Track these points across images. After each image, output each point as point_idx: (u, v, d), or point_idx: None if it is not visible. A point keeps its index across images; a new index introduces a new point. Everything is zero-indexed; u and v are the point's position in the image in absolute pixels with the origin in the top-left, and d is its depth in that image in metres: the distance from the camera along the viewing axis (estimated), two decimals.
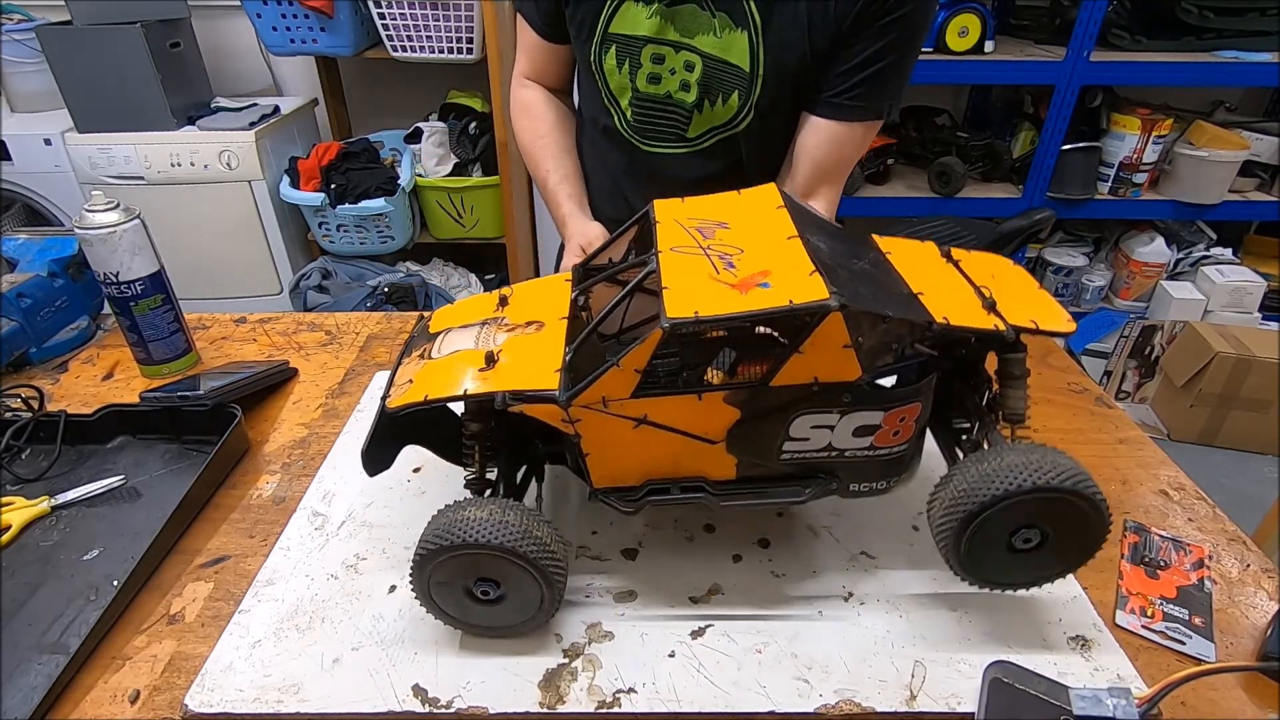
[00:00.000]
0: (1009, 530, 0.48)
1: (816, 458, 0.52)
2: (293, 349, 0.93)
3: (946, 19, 1.90)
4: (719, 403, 0.49)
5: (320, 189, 2.04)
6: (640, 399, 0.49)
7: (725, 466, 0.53)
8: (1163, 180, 2.18)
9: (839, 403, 0.49)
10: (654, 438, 0.51)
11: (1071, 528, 0.48)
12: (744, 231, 0.54)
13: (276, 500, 0.68)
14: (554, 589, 0.51)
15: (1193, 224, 2.36)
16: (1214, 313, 2.22)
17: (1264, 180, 2.17)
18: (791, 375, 0.48)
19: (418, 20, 1.91)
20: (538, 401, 0.49)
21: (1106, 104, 2.14)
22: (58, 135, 1.99)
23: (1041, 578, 0.52)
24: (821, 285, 0.46)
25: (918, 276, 0.53)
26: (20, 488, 0.70)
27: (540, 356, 0.52)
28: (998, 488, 0.46)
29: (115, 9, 1.87)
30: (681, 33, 0.82)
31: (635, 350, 0.46)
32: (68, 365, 0.90)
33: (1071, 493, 0.46)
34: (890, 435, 0.51)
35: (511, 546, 0.48)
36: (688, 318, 0.45)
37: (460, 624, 0.53)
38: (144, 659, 0.54)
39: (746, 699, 0.50)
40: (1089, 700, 0.46)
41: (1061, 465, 0.46)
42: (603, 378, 0.47)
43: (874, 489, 0.55)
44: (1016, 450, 0.48)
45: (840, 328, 0.45)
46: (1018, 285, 0.56)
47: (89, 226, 0.78)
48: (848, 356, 0.47)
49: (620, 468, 0.53)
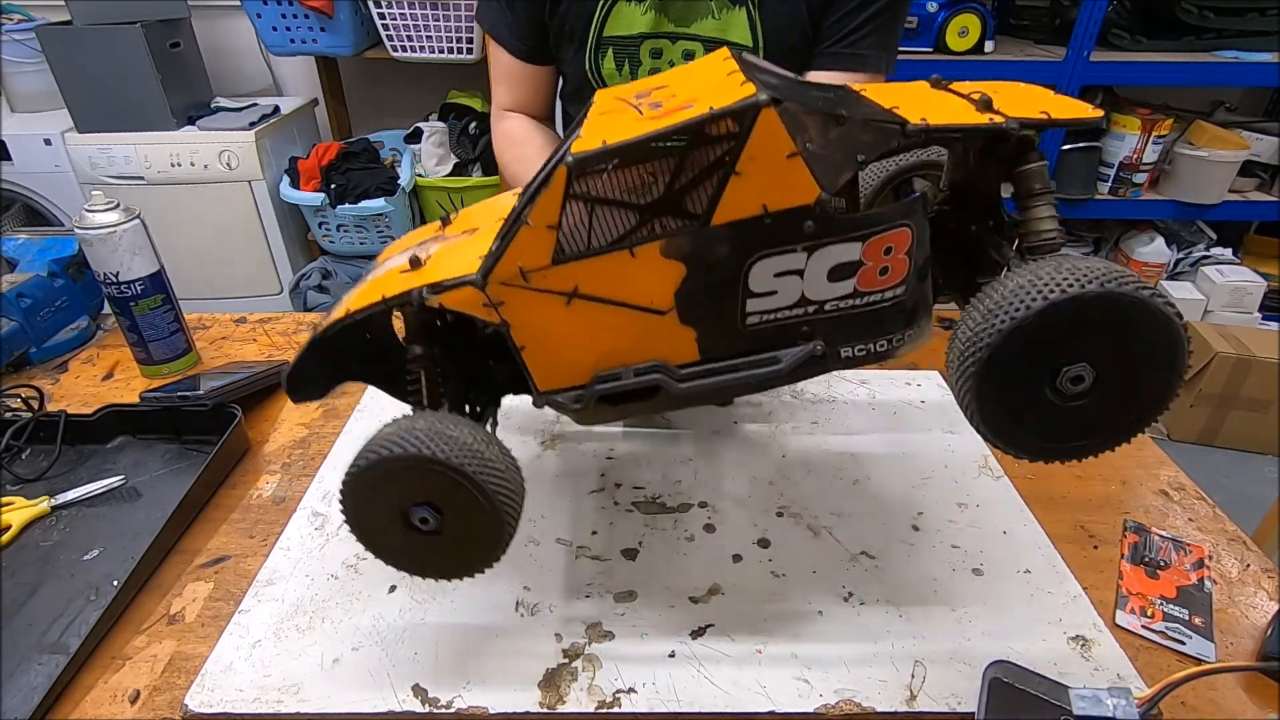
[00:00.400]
0: (1051, 369, 0.38)
1: (792, 317, 0.43)
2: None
3: (946, 19, 1.91)
4: (657, 258, 0.41)
5: (320, 189, 2.04)
6: (564, 265, 0.42)
7: (685, 344, 0.44)
8: (1163, 180, 2.19)
9: (800, 235, 0.40)
10: (594, 316, 0.43)
11: (1135, 357, 0.37)
12: (683, 84, 0.46)
13: (276, 500, 0.68)
14: (502, 516, 0.43)
15: (1193, 224, 2.36)
16: (1214, 313, 2.22)
17: (1264, 180, 2.17)
18: (735, 207, 0.40)
19: (418, 20, 1.91)
20: (455, 288, 0.43)
21: (1106, 104, 2.14)
22: (58, 135, 1.99)
23: (1100, 440, 0.40)
24: (751, 89, 0.38)
25: (894, 99, 0.44)
26: (20, 488, 0.70)
27: (469, 253, 0.46)
28: (1030, 301, 0.35)
29: (115, 9, 1.88)
30: (678, 23, 0.82)
31: (541, 198, 0.40)
32: (68, 365, 0.90)
33: (1131, 300, 0.35)
34: (877, 274, 0.42)
35: (446, 458, 0.40)
36: (594, 149, 0.39)
37: (399, 562, 0.46)
38: (144, 659, 0.54)
39: (746, 699, 0.50)
40: (1089, 700, 0.46)
41: (1115, 270, 0.35)
42: (514, 241, 0.41)
43: (873, 351, 0.44)
44: (1050, 260, 0.37)
45: (778, 130, 0.38)
46: (1027, 93, 0.47)
47: (89, 226, 0.78)
48: (797, 170, 0.39)
49: (564, 360, 0.46)
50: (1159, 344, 0.37)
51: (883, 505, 0.66)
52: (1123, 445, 0.41)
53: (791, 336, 0.44)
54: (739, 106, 0.38)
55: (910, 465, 0.71)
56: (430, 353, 0.49)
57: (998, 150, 0.45)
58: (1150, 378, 0.38)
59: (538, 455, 0.72)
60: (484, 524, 0.43)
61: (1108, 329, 0.37)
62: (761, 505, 0.66)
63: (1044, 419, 0.39)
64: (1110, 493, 0.69)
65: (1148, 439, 0.77)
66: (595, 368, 0.46)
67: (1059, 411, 0.39)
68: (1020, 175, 0.43)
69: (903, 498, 0.67)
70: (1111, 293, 0.35)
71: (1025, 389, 0.38)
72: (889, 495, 0.67)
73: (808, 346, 0.44)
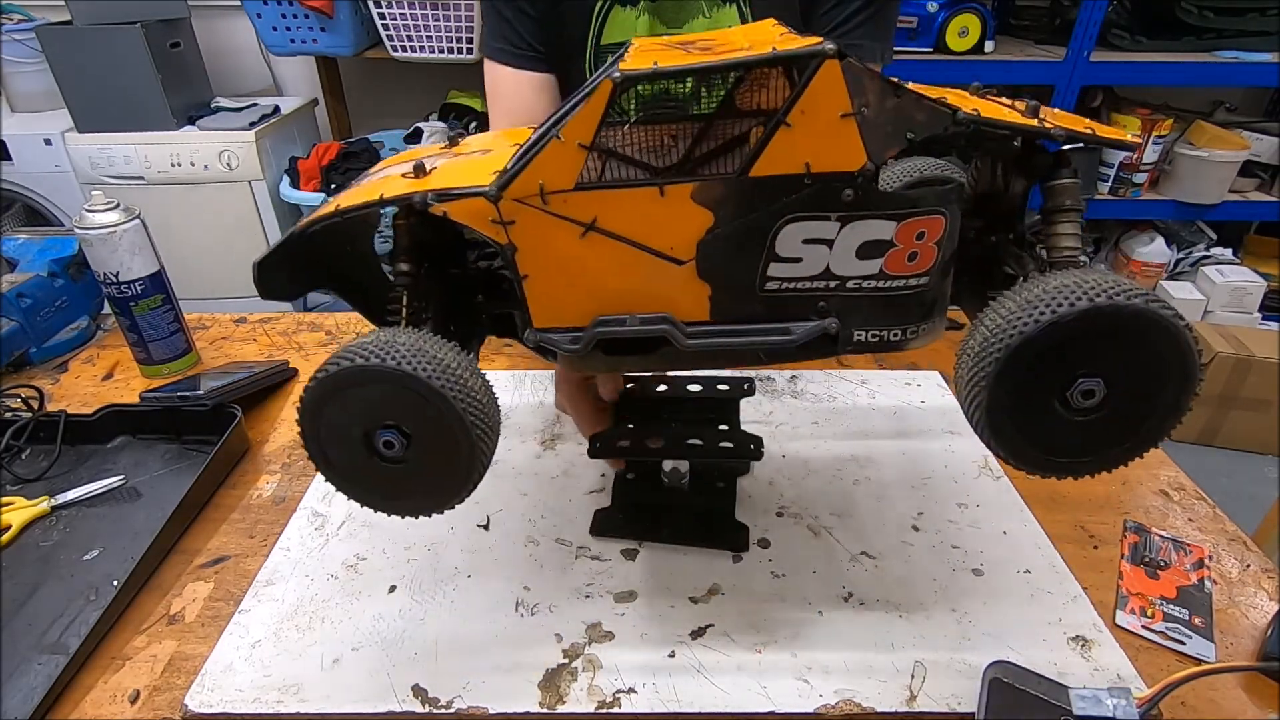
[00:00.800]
0: (1062, 382, 0.37)
1: (811, 289, 0.41)
2: (293, 349, 0.93)
3: (946, 19, 1.91)
4: (687, 201, 0.39)
5: (320, 189, 2.04)
6: (587, 192, 0.39)
7: (697, 300, 0.42)
8: (1163, 180, 2.19)
9: (838, 204, 0.39)
10: (607, 253, 0.41)
11: (1146, 372, 0.36)
12: (732, 37, 0.45)
13: (276, 500, 0.68)
14: (475, 451, 0.40)
15: (1193, 224, 2.36)
16: (1214, 313, 2.22)
17: (1264, 180, 2.17)
18: (777, 161, 0.38)
19: (418, 20, 1.91)
20: (464, 197, 0.40)
21: (1106, 104, 2.14)
22: (58, 135, 1.99)
23: (1109, 456, 0.39)
24: (816, 39, 0.37)
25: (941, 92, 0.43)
26: (20, 488, 0.70)
27: (480, 168, 0.42)
28: (1043, 312, 0.35)
29: (115, 9, 1.88)
30: (670, 24, 0.81)
31: (579, 113, 0.37)
32: (68, 365, 0.90)
33: (1142, 315, 0.34)
34: (905, 259, 0.40)
35: (427, 379, 0.38)
36: (644, 69, 0.37)
37: (356, 490, 0.43)
38: (144, 659, 0.54)
39: (746, 699, 0.50)
40: (1089, 700, 0.46)
41: (1127, 284, 0.35)
42: (540, 154, 0.39)
43: (885, 339, 0.43)
44: (1064, 273, 0.36)
45: (839, 86, 0.36)
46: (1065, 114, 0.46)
47: (89, 226, 0.78)
48: (848, 133, 0.37)
49: (566, 296, 0.43)
50: (1170, 358, 0.36)
51: (883, 505, 0.66)
52: None
53: (807, 310, 0.42)
54: (804, 52, 0.36)
55: (910, 465, 0.71)
56: (417, 272, 0.45)
57: (1034, 159, 0.44)
58: (1161, 393, 0.37)
59: (538, 455, 0.72)
60: (455, 457, 0.40)
61: (1118, 343, 0.36)
62: (761, 505, 0.66)
63: (1055, 433, 0.38)
64: (1110, 493, 0.69)
65: None
66: (598, 311, 0.43)
67: (1070, 426, 0.38)
68: (1053, 189, 0.42)
69: (903, 498, 0.67)
70: (1121, 306, 0.34)
71: (1036, 403, 0.38)
72: (889, 495, 0.67)
73: (822, 323, 0.42)
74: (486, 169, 0.42)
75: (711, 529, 0.62)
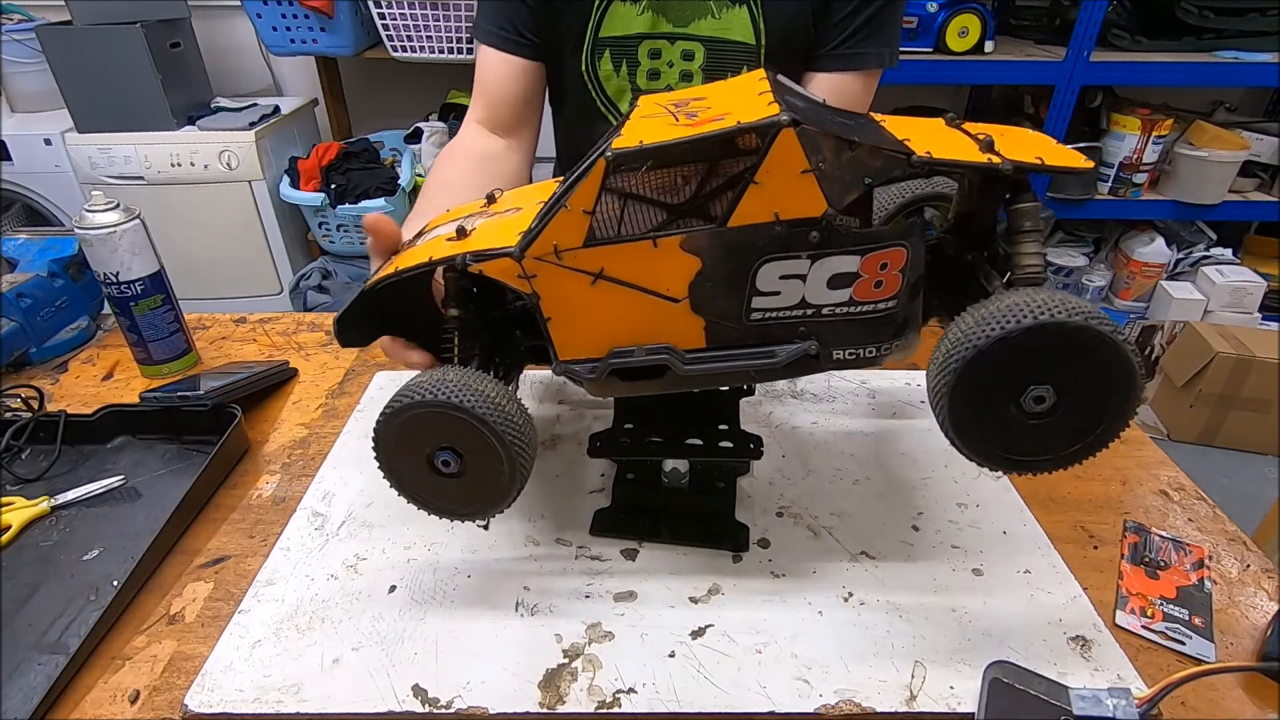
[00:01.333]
0: (1016, 389, 0.41)
1: (791, 317, 0.48)
2: (293, 349, 0.93)
3: (946, 19, 1.91)
4: (677, 251, 0.46)
5: (320, 189, 2.05)
6: (594, 248, 0.46)
7: (693, 331, 0.49)
8: (1163, 180, 2.19)
9: (806, 243, 0.45)
10: (615, 297, 0.48)
11: (1090, 385, 0.40)
12: (719, 98, 0.51)
13: (276, 500, 0.68)
14: (515, 466, 0.47)
15: (1193, 224, 2.36)
16: (1214, 313, 2.22)
17: (1264, 180, 2.17)
18: (751, 212, 0.44)
19: (418, 20, 1.91)
20: (495, 258, 0.48)
21: (1106, 104, 2.14)
22: (58, 135, 1.99)
23: (1061, 455, 0.43)
24: (776, 108, 0.43)
25: (907, 131, 0.48)
26: (20, 488, 0.70)
27: (511, 229, 0.51)
28: (994, 329, 0.39)
29: (115, 9, 1.88)
30: (675, 23, 0.81)
31: (581, 186, 0.45)
32: (68, 365, 0.90)
33: (1082, 331, 0.39)
34: (872, 287, 0.46)
35: (472, 408, 0.45)
36: (632, 146, 0.44)
37: (423, 502, 0.51)
38: (144, 659, 0.54)
39: (746, 699, 0.50)
40: (1089, 700, 0.46)
41: (1071, 302, 0.39)
42: (552, 222, 0.46)
43: (861, 356, 0.49)
44: (1020, 291, 0.41)
45: (795, 148, 0.42)
46: (1029, 138, 0.51)
47: (89, 226, 0.78)
48: (809, 185, 0.43)
49: (584, 334, 0.50)
50: (1113, 368, 0.40)
51: (883, 505, 0.66)
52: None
53: (790, 335, 0.48)
54: (762, 124, 0.42)
55: (910, 465, 0.71)
56: (464, 316, 0.53)
57: (996, 187, 0.48)
58: (1107, 399, 0.41)
59: (540, 455, 0.72)
60: (498, 471, 0.48)
61: (1064, 355, 0.40)
62: (761, 505, 0.66)
63: (1013, 435, 0.43)
64: (1110, 493, 0.69)
65: (1147, 439, 0.77)
66: (611, 344, 0.50)
67: (1026, 428, 0.42)
68: (1014, 212, 0.47)
69: (903, 498, 0.67)
70: (1063, 323, 0.38)
71: (993, 408, 0.42)
72: (889, 495, 0.67)
73: (803, 345, 0.48)
74: (514, 230, 0.49)
75: (711, 529, 0.62)
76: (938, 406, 0.43)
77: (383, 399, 0.58)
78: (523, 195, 0.58)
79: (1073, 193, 2.10)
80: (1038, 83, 2.03)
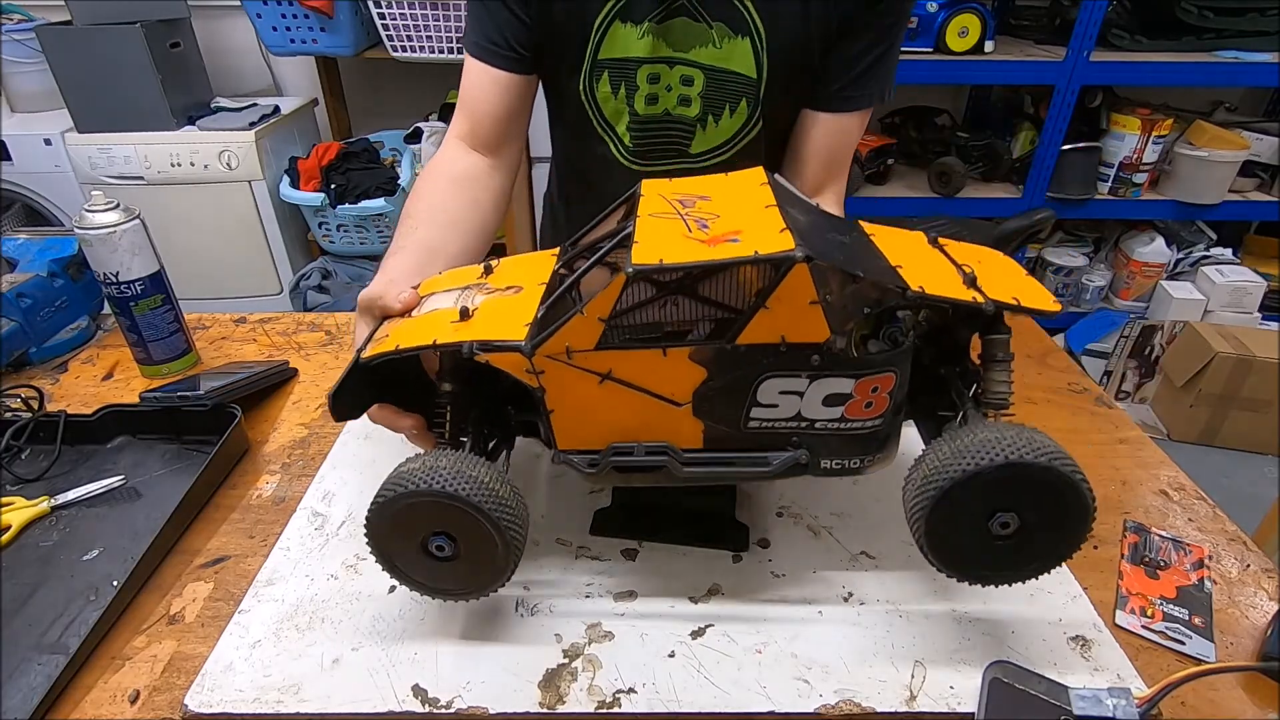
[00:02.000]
0: (985, 514, 0.46)
1: (785, 427, 0.50)
2: (293, 349, 0.93)
3: (946, 19, 1.90)
4: (685, 361, 0.48)
5: (320, 189, 2.04)
6: (605, 351, 0.48)
7: (692, 432, 0.51)
8: (1163, 180, 2.19)
9: (807, 365, 0.47)
10: (619, 397, 0.49)
11: (1051, 513, 0.45)
12: (724, 202, 0.54)
13: (276, 500, 0.68)
14: (510, 547, 0.49)
15: (1193, 224, 2.36)
16: (1214, 313, 2.22)
17: (1264, 180, 2.17)
18: (758, 333, 0.47)
19: (418, 20, 1.91)
20: (503, 351, 0.48)
21: (1106, 104, 2.14)
22: (58, 135, 1.99)
23: (1022, 572, 0.49)
24: (790, 239, 0.45)
25: (899, 254, 0.52)
26: (20, 488, 0.70)
27: (514, 313, 0.51)
28: (969, 463, 0.43)
29: (115, 9, 1.88)
30: (675, 48, 0.80)
31: (599, 297, 0.46)
32: (68, 365, 0.90)
33: (1047, 470, 0.43)
34: (862, 407, 0.49)
35: (466, 496, 0.46)
36: (652, 264, 0.45)
37: (417, 585, 0.52)
38: (144, 659, 0.54)
39: (746, 699, 0.50)
40: (1089, 700, 0.46)
41: (1038, 442, 0.44)
42: (566, 325, 0.47)
43: (846, 467, 0.52)
44: (992, 426, 0.45)
45: (806, 281, 0.44)
46: (1004, 270, 0.55)
47: (89, 226, 0.78)
48: (815, 314, 0.46)
49: (585, 428, 0.52)
50: (1069, 503, 0.44)
51: (883, 505, 0.66)
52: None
53: (783, 443, 0.51)
54: (779, 257, 0.44)
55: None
56: (459, 391, 0.54)
57: (973, 319, 0.52)
58: (1064, 525, 0.46)
59: (538, 455, 0.72)
60: (494, 552, 0.49)
61: (1028, 488, 0.44)
62: (761, 505, 0.66)
63: (979, 553, 0.47)
64: (1110, 493, 0.69)
65: (1147, 439, 0.77)
66: (610, 438, 0.52)
67: (992, 548, 0.47)
68: (988, 341, 0.51)
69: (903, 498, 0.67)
70: (1029, 463, 0.43)
71: (963, 530, 0.46)
72: (889, 495, 0.67)
73: (795, 454, 0.51)
74: (519, 316, 0.51)
75: (711, 529, 0.62)
76: (914, 525, 0.47)
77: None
78: (521, 269, 0.59)
79: (1073, 191, 2.10)
80: (1038, 83, 2.03)
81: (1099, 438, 0.77)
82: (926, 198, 2.12)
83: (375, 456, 0.72)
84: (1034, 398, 0.83)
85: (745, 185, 0.56)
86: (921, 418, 0.57)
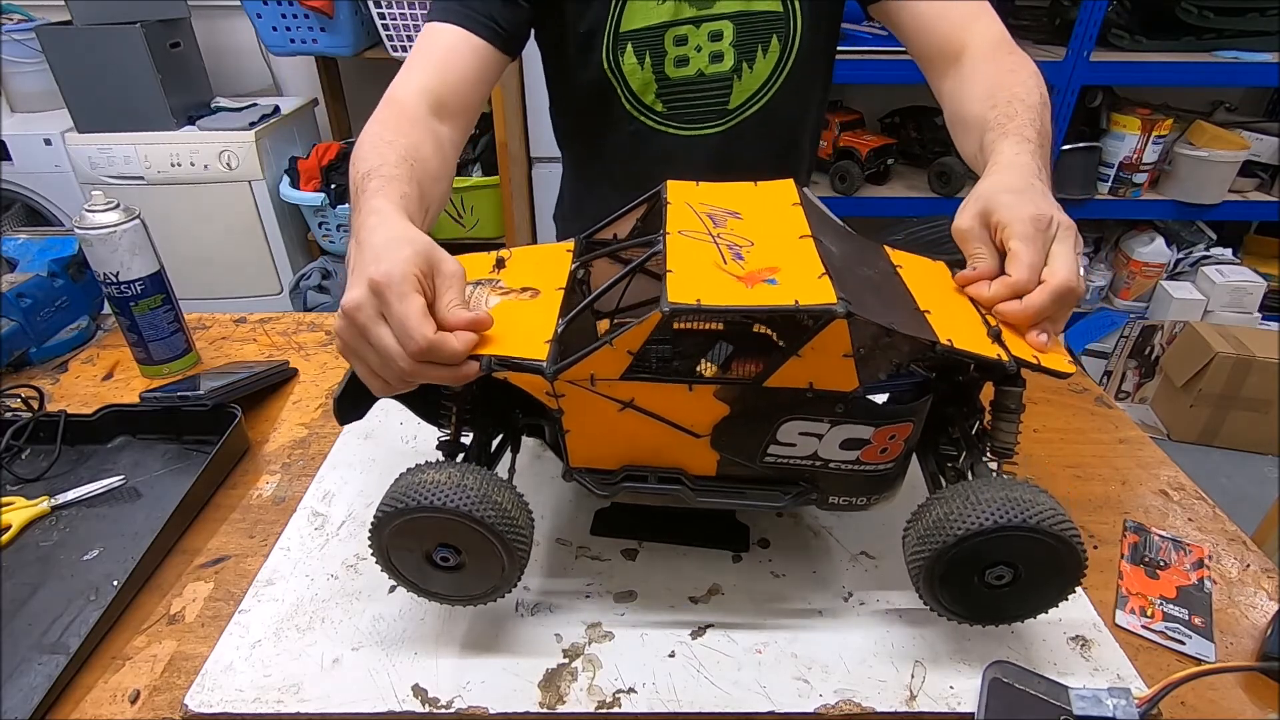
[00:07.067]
0: (982, 566, 0.47)
1: (800, 465, 0.51)
2: (293, 349, 0.93)
3: None
4: (709, 396, 0.48)
5: (320, 189, 2.04)
6: (629, 381, 0.47)
7: (706, 462, 0.52)
8: (1163, 180, 2.18)
9: (831, 413, 0.48)
10: (637, 423, 0.49)
11: (1046, 567, 0.47)
12: (756, 224, 0.53)
13: (276, 500, 0.68)
14: (514, 558, 0.49)
15: (1193, 224, 2.36)
16: (1214, 313, 2.22)
17: (1264, 180, 2.17)
18: (787, 378, 0.47)
19: (418, 20, 1.91)
20: (524, 370, 0.48)
21: (1106, 104, 2.14)
22: (58, 135, 1.99)
23: (1013, 616, 0.51)
24: (830, 289, 0.45)
25: (926, 294, 0.52)
26: (20, 488, 0.70)
27: (532, 325, 0.50)
28: (972, 523, 0.45)
29: (115, 9, 1.87)
30: (699, 6, 0.79)
31: (631, 331, 0.45)
32: (68, 365, 0.90)
33: (1046, 533, 0.45)
34: (878, 452, 0.50)
35: (469, 511, 0.46)
36: (689, 304, 0.45)
37: (421, 591, 0.52)
38: (144, 659, 0.54)
39: (746, 699, 0.50)
40: (1089, 700, 0.46)
41: (1039, 504, 0.45)
42: (593, 355, 0.46)
43: (853, 504, 0.54)
44: (995, 485, 0.47)
45: (843, 336, 0.44)
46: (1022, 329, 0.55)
47: (89, 226, 0.78)
48: (846, 366, 0.46)
49: (599, 450, 0.52)
50: (1064, 559, 0.47)
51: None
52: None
53: (795, 478, 0.52)
54: (819, 309, 0.44)
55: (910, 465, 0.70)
56: (465, 393, 0.54)
57: (991, 371, 0.52)
58: (1054, 580, 0.48)
59: (538, 455, 0.72)
60: (498, 562, 0.49)
61: (1023, 545, 0.46)
62: None
63: (975, 600, 0.50)
64: (1110, 493, 0.69)
65: (1147, 439, 0.77)
66: (624, 460, 0.52)
67: (987, 596, 0.49)
68: (1003, 392, 0.52)
69: (903, 498, 0.66)
70: (1024, 524, 0.45)
71: (961, 579, 0.48)
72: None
73: (807, 493, 0.53)
74: (538, 330, 0.50)
75: (711, 529, 0.62)
76: (914, 572, 0.49)
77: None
78: (535, 267, 0.58)
79: (1073, 191, 2.10)
80: None
81: (1099, 438, 0.77)
82: (926, 198, 2.12)
83: (375, 456, 0.72)
84: (1034, 398, 0.83)
85: (776, 203, 0.56)
86: (924, 453, 0.58)
